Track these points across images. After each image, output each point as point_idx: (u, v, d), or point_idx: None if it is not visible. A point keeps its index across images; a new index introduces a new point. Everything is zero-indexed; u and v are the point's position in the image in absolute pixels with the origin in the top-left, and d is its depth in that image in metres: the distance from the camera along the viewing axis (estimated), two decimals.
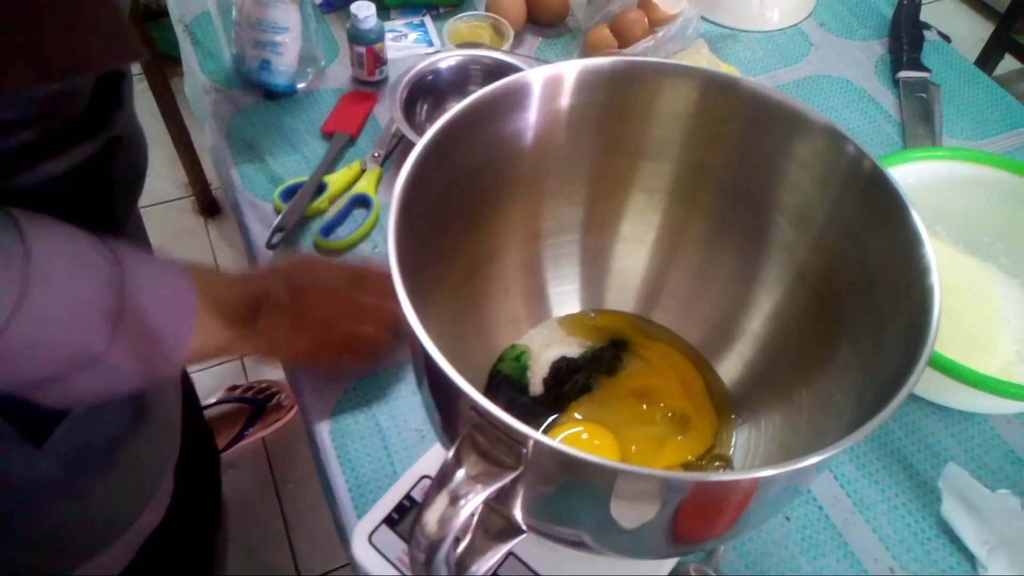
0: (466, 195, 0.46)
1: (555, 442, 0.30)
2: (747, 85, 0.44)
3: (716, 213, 0.50)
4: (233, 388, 1.31)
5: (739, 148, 0.46)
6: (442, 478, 0.33)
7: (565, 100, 0.45)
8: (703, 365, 0.54)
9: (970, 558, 0.52)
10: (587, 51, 0.84)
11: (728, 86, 0.44)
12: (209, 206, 1.63)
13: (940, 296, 0.35)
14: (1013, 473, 0.57)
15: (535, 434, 0.30)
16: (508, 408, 0.30)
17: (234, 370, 1.40)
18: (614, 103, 0.46)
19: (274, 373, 1.37)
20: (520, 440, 0.31)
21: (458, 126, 0.40)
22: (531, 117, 0.45)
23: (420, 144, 0.38)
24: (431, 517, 0.32)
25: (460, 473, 0.32)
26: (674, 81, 0.45)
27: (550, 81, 0.44)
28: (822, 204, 0.44)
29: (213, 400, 1.27)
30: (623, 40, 0.82)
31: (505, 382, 0.52)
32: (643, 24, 0.82)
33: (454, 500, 0.32)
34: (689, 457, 0.50)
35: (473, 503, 0.32)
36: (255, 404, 1.27)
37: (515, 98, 0.43)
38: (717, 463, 0.50)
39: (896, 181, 0.39)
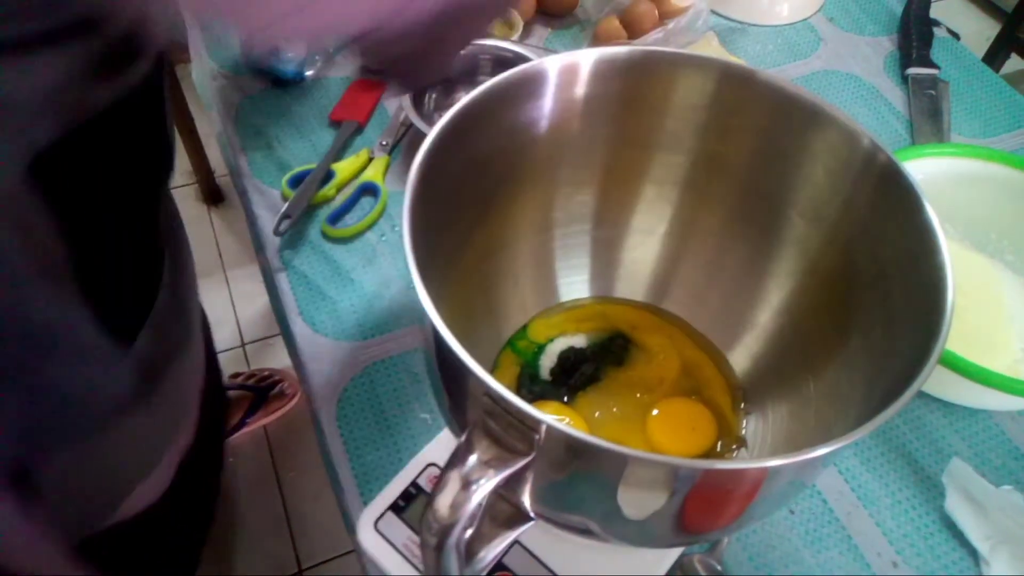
0: (478, 183, 0.46)
1: (569, 428, 0.30)
2: (763, 77, 0.43)
3: (728, 206, 0.50)
4: (235, 376, 1.31)
5: (753, 141, 0.46)
6: (454, 463, 0.33)
7: (580, 89, 0.45)
8: (715, 353, 0.54)
9: (973, 553, 0.53)
10: (596, 43, 0.84)
11: (744, 78, 0.44)
12: (213, 194, 1.63)
13: (953, 292, 0.35)
14: (1017, 469, 0.57)
15: (549, 420, 0.30)
16: (516, 395, 0.30)
17: (236, 358, 1.40)
18: (629, 93, 0.46)
19: (277, 361, 1.37)
20: (533, 426, 0.31)
21: (473, 113, 0.40)
22: (546, 106, 0.45)
23: (435, 130, 0.38)
24: (443, 502, 0.32)
25: (472, 459, 0.32)
26: (690, 72, 0.45)
27: (566, 70, 0.44)
28: (835, 198, 0.44)
29: None
30: (632, 32, 0.82)
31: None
32: (653, 17, 0.82)
33: (466, 485, 0.32)
34: (704, 443, 0.50)
35: (485, 489, 0.32)
36: (257, 392, 1.27)
37: (530, 86, 0.43)
38: (733, 445, 0.50)
39: (911, 175, 0.39)
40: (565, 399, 0.51)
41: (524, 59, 0.74)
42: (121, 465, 0.58)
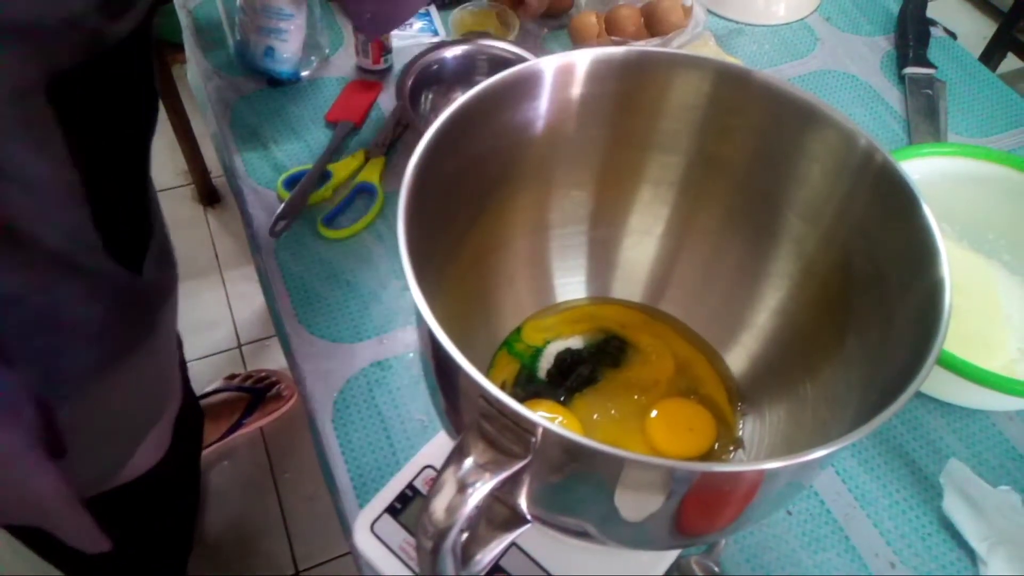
0: (474, 184, 0.45)
1: (565, 431, 0.30)
2: (759, 77, 0.43)
3: (725, 206, 0.50)
4: (232, 377, 1.30)
5: (750, 140, 0.46)
6: (449, 466, 0.32)
7: (576, 89, 0.45)
8: (711, 353, 0.54)
9: (970, 554, 0.52)
10: (572, 37, 0.84)
11: (740, 78, 0.44)
12: (209, 194, 1.62)
13: (951, 292, 0.35)
14: (1014, 470, 0.57)
15: (545, 423, 0.30)
16: (512, 397, 0.30)
17: (233, 359, 1.40)
18: (625, 93, 0.45)
19: (274, 362, 1.37)
20: (529, 428, 0.31)
21: (469, 114, 0.40)
22: (542, 106, 0.45)
23: (431, 130, 0.38)
24: (439, 505, 0.32)
25: (468, 462, 0.32)
26: (686, 72, 0.45)
27: (562, 70, 0.43)
28: (832, 198, 0.44)
29: (211, 388, 1.27)
30: (612, 30, 0.81)
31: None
32: (636, 20, 0.81)
33: (462, 488, 0.32)
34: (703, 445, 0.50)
35: (481, 492, 0.32)
36: (254, 393, 1.27)
37: (526, 87, 0.43)
38: (731, 447, 0.50)
39: (908, 175, 0.38)
40: (562, 399, 0.51)
41: (520, 59, 0.74)
42: (127, 417, 0.63)
